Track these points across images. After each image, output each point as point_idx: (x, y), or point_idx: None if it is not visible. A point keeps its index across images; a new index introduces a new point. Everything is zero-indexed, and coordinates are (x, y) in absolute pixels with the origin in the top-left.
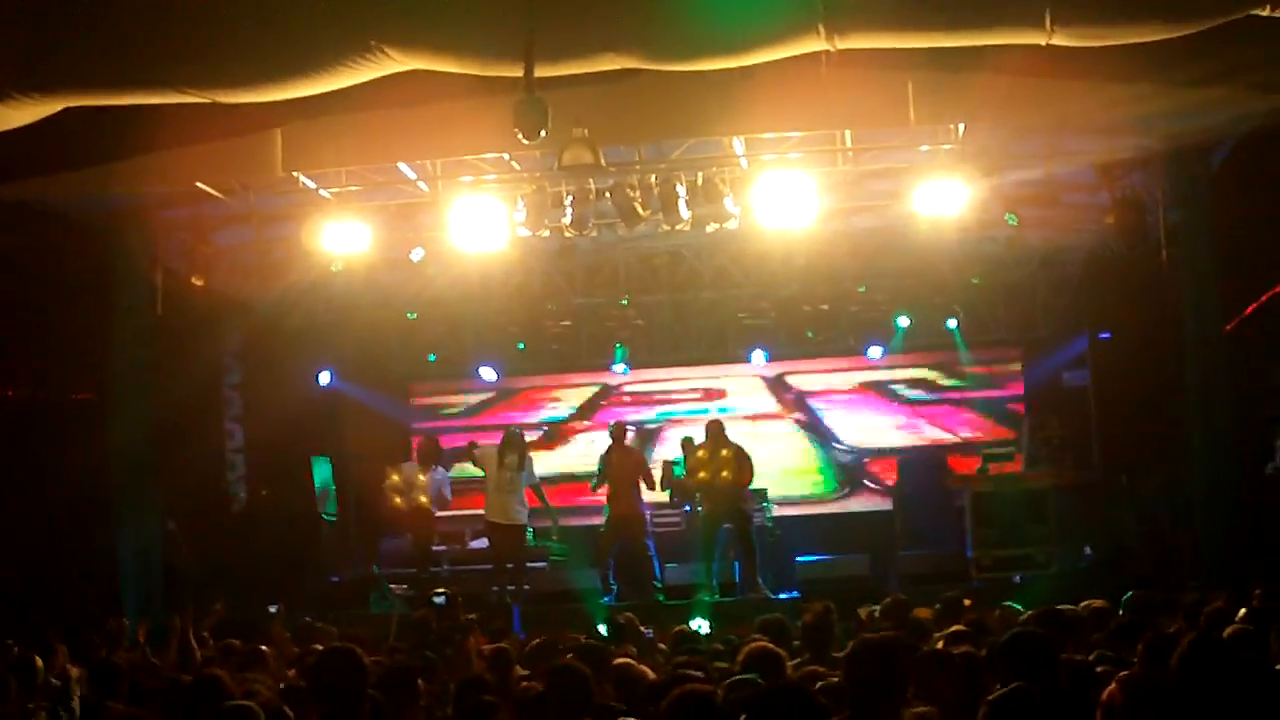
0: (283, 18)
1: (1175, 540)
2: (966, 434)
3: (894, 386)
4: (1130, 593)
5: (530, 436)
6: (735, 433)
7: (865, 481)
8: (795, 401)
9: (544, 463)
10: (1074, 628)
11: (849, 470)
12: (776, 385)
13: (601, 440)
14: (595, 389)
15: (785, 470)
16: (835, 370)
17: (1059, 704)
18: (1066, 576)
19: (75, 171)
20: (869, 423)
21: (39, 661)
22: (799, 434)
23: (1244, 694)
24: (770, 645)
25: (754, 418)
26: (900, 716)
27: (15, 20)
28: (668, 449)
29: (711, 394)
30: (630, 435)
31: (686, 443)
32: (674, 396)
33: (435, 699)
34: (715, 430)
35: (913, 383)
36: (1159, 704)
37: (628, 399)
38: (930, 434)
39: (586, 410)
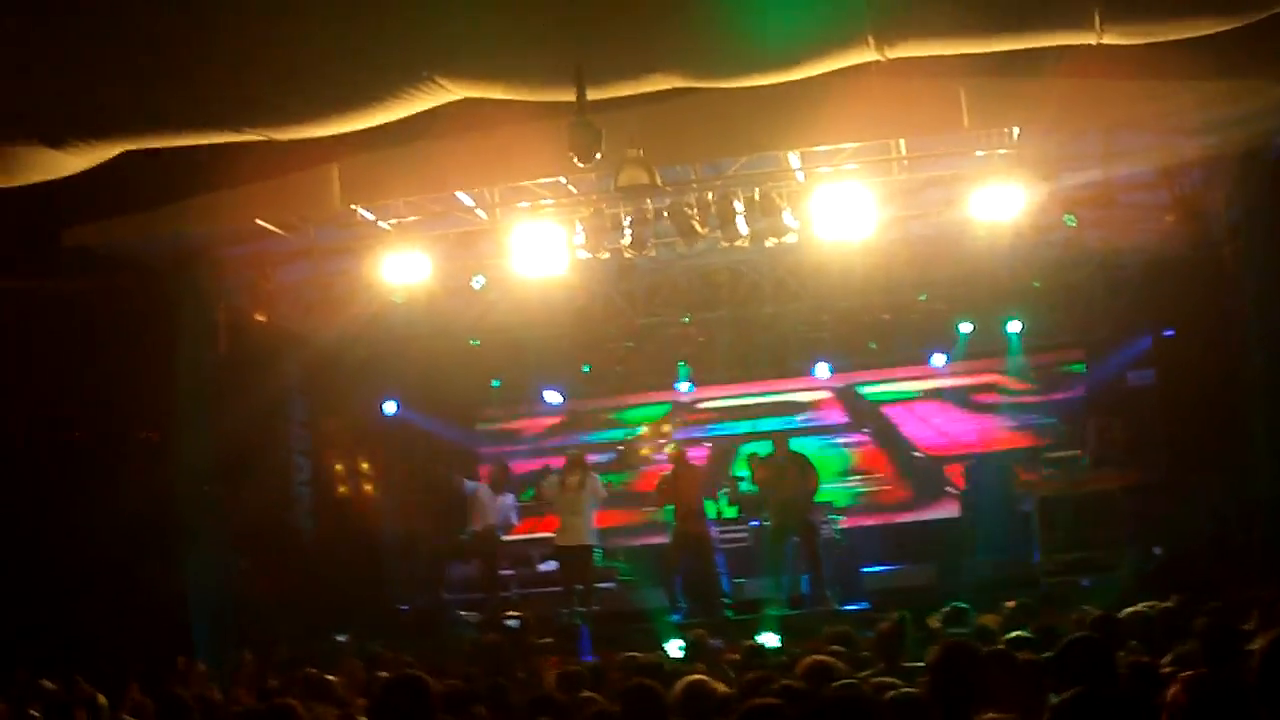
0: (335, 53)
1: (1244, 540)
2: (1032, 438)
3: (958, 393)
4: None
5: (606, 457)
6: (809, 446)
7: (946, 489)
8: (869, 412)
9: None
10: (1139, 630)
11: (930, 477)
12: (847, 396)
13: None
14: (668, 407)
15: (861, 480)
16: (903, 379)
17: (1121, 707)
18: (1135, 578)
19: (136, 213)
20: (942, 429)
21: (102, 700)
22: (874, 444)
23: None
24: (822, 657)
25: (828, 429)
26: None
27: (69, 65)
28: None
29: (782, 408)
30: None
31: (752, 457)
32: (747, 411)
33: None
34: (780, 443)
35: (976, 389)
36: (1226, 703)
37: (700, 416)
38: (996, 439)
39: (660, 429)
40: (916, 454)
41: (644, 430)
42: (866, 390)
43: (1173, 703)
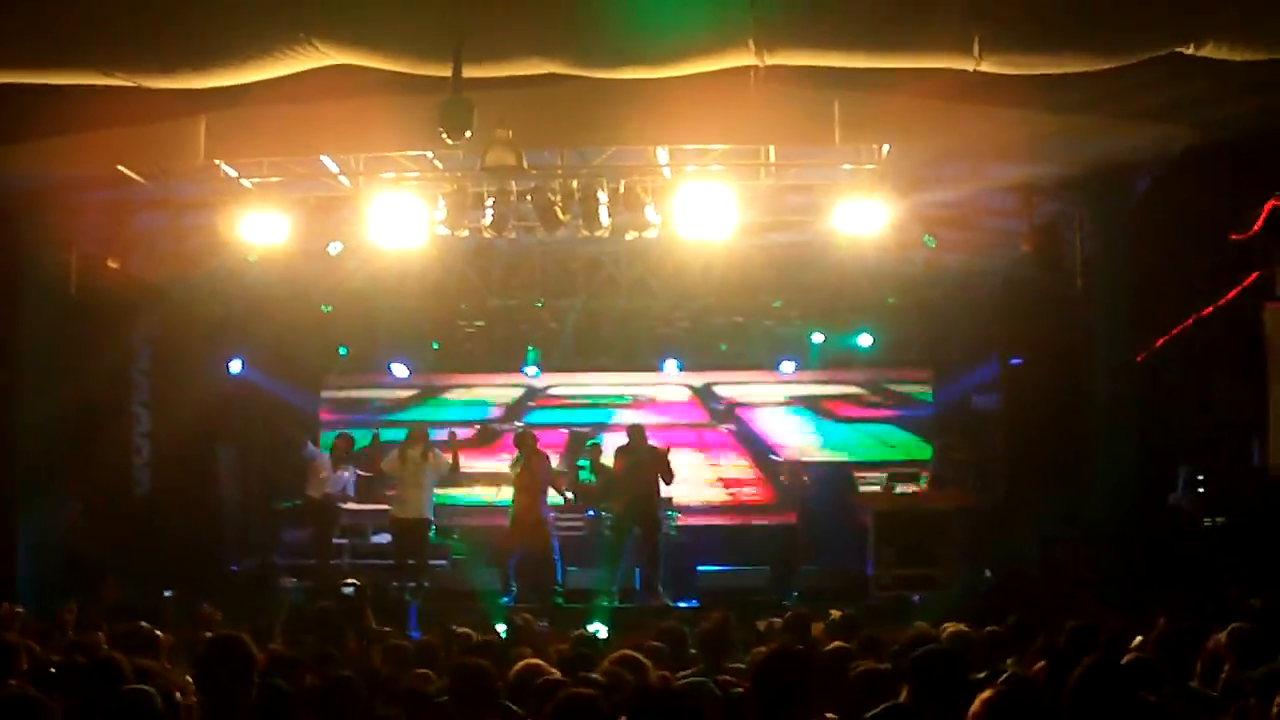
0: (213, 5)
1: (1074, 565)
2: (874, 452)
3: (809, 401)
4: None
5: (462, 435)
6: (665, 440)
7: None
8: (725, 412)
9: (472, 463)
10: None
11: (788, 481)
12: (705, 395)
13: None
14: (522, 390)
15: (712, 480)
16: (756, 383)
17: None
18: (966, 598)
19: None
20: (795, 436)
21: None
22: (732, 444)
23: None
24: (632, 653)
25: (685, 426)
26: None
27: None
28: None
29: (640, 401)
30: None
31: (593, 448)
32: (603, 402)
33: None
34: (639, 435)
35: (821, 399)
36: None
37: (556, 402)
38: (837, 450)
39: (515, 411)
40: (775, 457)
41: (507, 410)
42: (722, 390)
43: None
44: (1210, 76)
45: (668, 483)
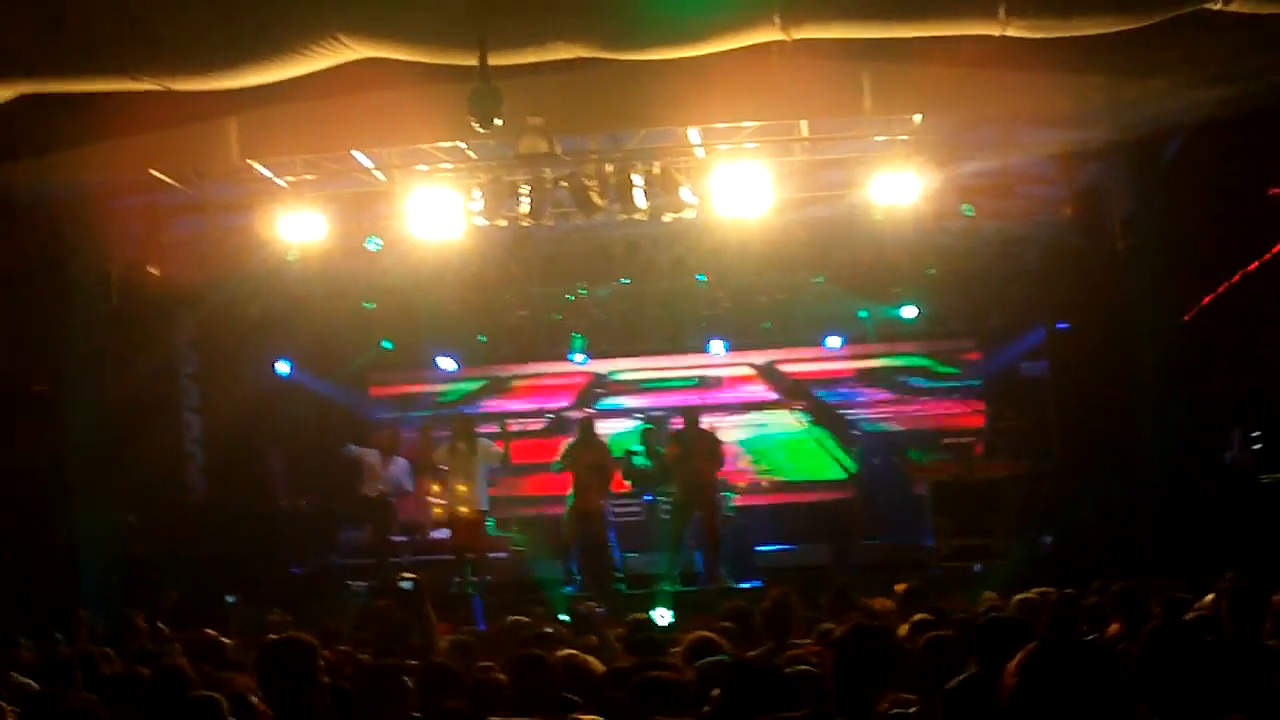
0: (239, 4)
1: (1132, 529)
2: (926, 424)
3: (862, 375)
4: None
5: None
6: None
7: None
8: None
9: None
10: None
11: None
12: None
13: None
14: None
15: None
16: (818, 359)
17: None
18: (1025, 565)
19: (29, 159)
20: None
21: None
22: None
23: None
24: (706, 633)
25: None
26: (879, 702)
27: None
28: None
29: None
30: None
31: (647, 432)
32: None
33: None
34: (689, 421)
35: (870, 372)
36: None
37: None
38: (891, 423)
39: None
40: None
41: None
42: (788, 368)
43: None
44: (1244, 36)
45: (719, 467)
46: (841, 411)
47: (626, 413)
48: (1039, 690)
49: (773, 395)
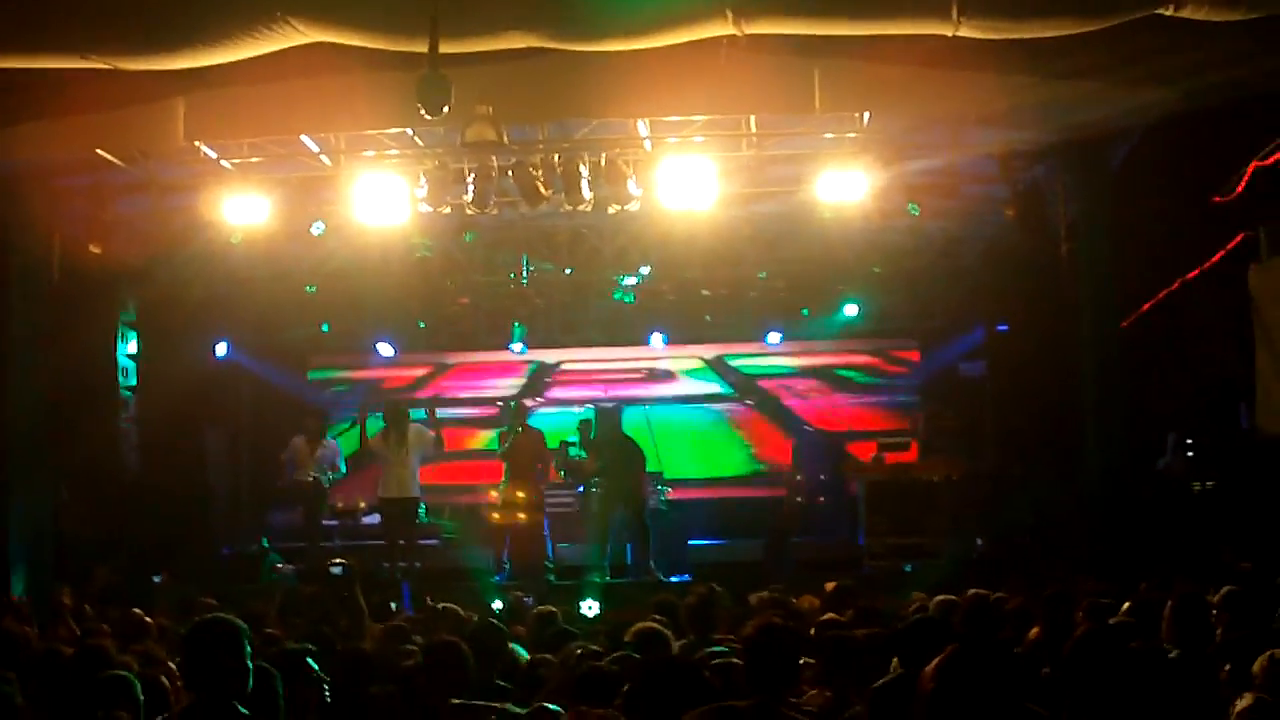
0: None
1: (1066, 532)
2: (863, 422)
3: (792, 373)
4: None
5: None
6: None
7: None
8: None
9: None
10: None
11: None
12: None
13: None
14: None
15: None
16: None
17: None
18: (958, 566)
19: None
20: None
21: None
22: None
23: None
24: (657, 625)
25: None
26: (795, 699)
27: None
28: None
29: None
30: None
31: (584, 424)
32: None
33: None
34: (614, 415)
35: (809, 370)
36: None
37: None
38: (827, 420)
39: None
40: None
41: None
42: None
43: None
44: (1191, 39)
45: (642, 463)
46: (786, 405)
47: (571, 403)
48: (955, 693)
49: (720, 389)
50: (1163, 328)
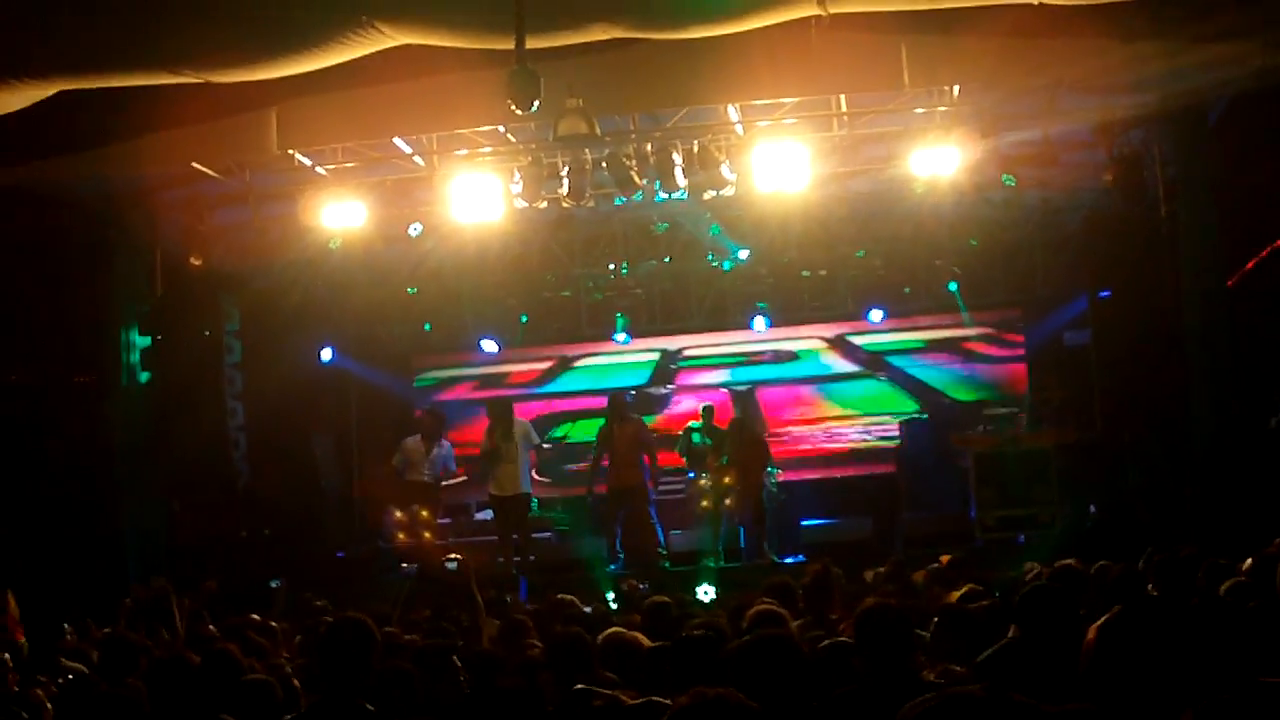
0: None
1: (1179, 497)
2: (969, 395)
3: (894, 350)
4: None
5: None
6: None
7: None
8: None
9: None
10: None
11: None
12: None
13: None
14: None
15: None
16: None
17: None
18: (1071, 535)
19: (72, 155)
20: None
21: (22, 640)
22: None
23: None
24: (775, 606)
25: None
26: (916, 676)
27: (8, 4)
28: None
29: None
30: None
31: (708, 410)
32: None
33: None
34: (736, 399)
35: (913, 345)
36: (1134, 645)
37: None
38: (933, 395)
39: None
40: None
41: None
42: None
43: (1086, 648)
44: None
45: (762, 444)
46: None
47: (697, 389)
48: (1117, 652)
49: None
50: (1267, 284)
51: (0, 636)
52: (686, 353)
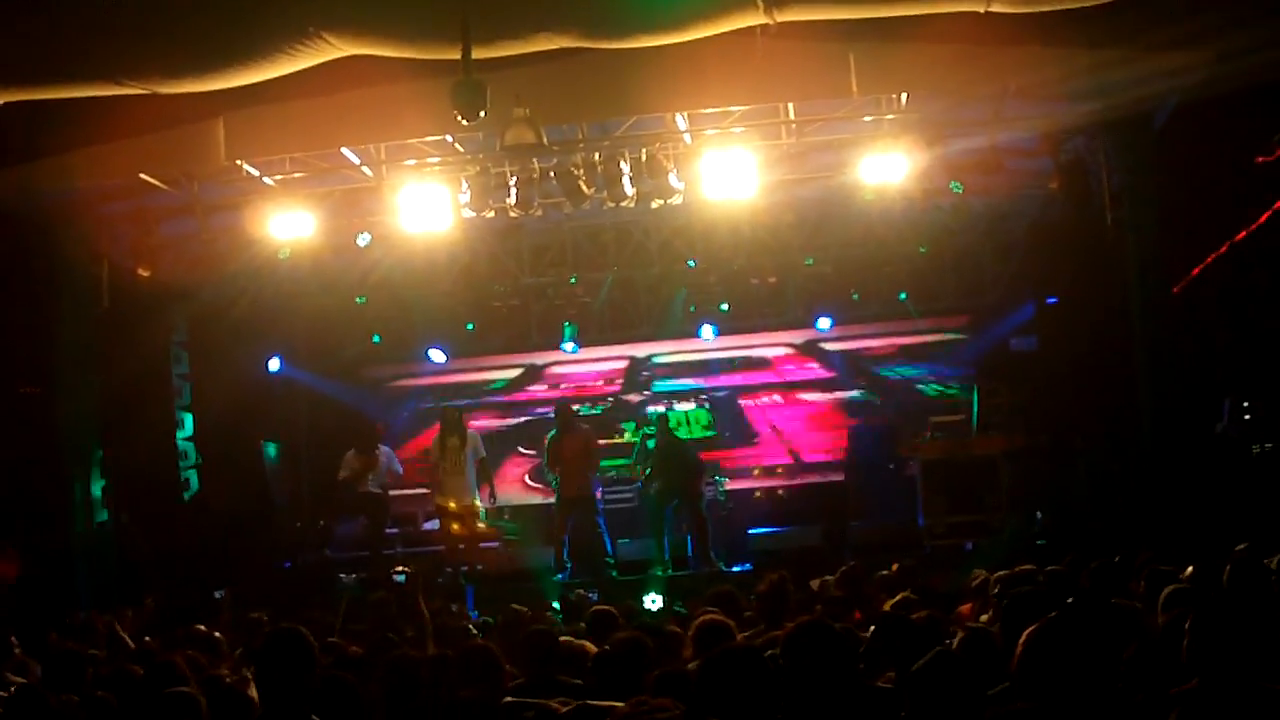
0: (221, 6)
1: (1126, 503)
2: (916, 402)
3: (842, 355)
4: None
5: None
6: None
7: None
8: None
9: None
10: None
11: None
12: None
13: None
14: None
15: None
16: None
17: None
18: (1019, 542)
19: (17, 166)
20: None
21: None
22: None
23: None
24: (721, 617)
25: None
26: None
27: None
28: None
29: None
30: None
31: (662, 418)
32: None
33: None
34: (660, 421)
35: (862, 352)
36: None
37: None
38: (880, 402)
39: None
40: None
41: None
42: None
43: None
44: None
45: (697, 459)
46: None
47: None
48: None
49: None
50: (1214, 292)
51: None
52: (656, 360)
